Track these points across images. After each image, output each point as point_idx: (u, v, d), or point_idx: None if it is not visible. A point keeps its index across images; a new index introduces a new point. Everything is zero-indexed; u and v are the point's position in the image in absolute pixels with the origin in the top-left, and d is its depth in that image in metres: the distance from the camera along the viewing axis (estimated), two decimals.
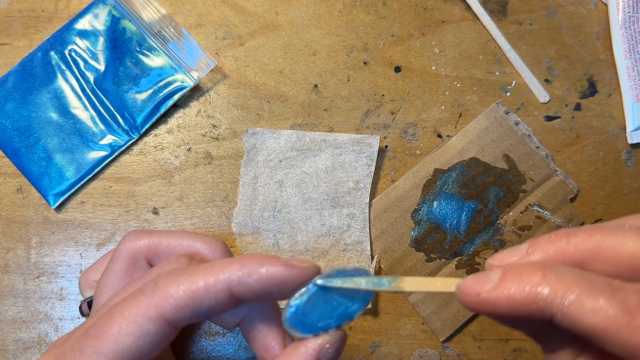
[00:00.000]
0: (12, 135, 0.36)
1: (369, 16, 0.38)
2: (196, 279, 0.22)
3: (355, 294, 0.22)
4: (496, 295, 0.18)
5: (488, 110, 0.37)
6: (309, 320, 0.22)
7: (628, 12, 0.37)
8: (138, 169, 0.36)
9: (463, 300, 0.19)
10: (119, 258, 0.27)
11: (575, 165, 0.36)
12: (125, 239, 0.27)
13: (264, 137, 0.36)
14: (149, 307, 0.21)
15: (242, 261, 0.22)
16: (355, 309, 0.22)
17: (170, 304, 0.21)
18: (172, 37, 0.36)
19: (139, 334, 0.21)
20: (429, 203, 0.36)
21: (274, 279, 0.22)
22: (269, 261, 0.22)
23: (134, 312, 0.21)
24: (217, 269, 0.22)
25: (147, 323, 0.21)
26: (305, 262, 0.22)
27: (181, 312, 0.22)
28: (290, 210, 0.35)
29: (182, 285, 0.22)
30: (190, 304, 0.22)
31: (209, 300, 0.22)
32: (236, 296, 0.22)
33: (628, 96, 0.36)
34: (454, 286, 0.20)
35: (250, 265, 0.22)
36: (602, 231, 0.19)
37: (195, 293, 0.22)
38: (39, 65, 0.36)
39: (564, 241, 0.19)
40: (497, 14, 0.38)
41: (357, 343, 0.35)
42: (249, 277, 0.22)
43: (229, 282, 0.22)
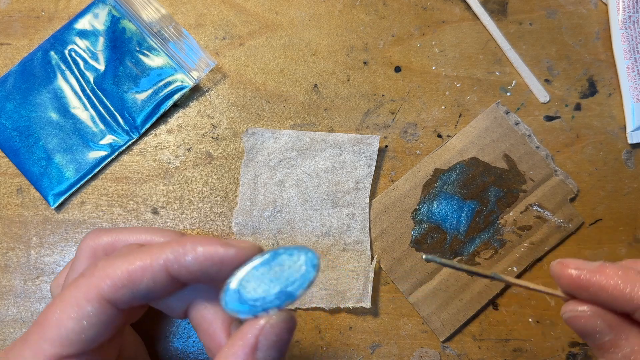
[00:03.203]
0: (12, 135, 0.36)
1: (369, 16, 0.38)
2: (133, 260, 0.22)
3: (296, 273, 0.21)
4: (597, 276, 0.22)
5: (488, 110, 0.37)
6: (246, 300, 0.21)
7: (628, 12, 0.37)
8: (138, 169, 0.36)
9: (562, 272, 0.23)
10: (80, 257, 0.27)
11: (575, 165, 0.36)
12: (86, 237, 0.27)
13: (264, 137, 0.36)
14: (88, 288, 0.22)
15: (180, 241, 0.22)
16: (297, 287, 0.21)
17: (107, 285, 0.21)
18: (172, 37, 0.36)
19: (80, 316, 0.21)
20: (429, 203, 0.36)
21: (211, 259, 0.21)
22: (206, 241, 0.22)
23: (74, 295, 0.22)
24: (154, 249, 0.22)
25: (86, 304, 0.21)
26: (244, 243, 0.22)
27: (119, 292, 0.22)
28: (290, 210, 0.35)
29: (120, 266, 0.22)
30: (127, 284, 0.22)
31: (147, 281, 0.22)
32: (175, 276, 0.22)
33: (628, 96, 0.36)
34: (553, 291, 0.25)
35: (187, 245, 0.22)
36: None
37: (132, 273, 0.22)
38: (39, 65, 0.36)
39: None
40: (497, 14, 0.38)
41: (357, 343, 0.35)
42: (185, 256, 0.22)
43: (166, 261, 0.22)
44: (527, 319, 0.35)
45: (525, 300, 0.35)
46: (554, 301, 0.35)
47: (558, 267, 0.24)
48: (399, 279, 0.35)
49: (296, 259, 0.21)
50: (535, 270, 0.36)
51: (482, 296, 0.35)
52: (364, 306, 0.34)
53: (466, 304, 0.35)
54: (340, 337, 0.35)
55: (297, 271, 0.21)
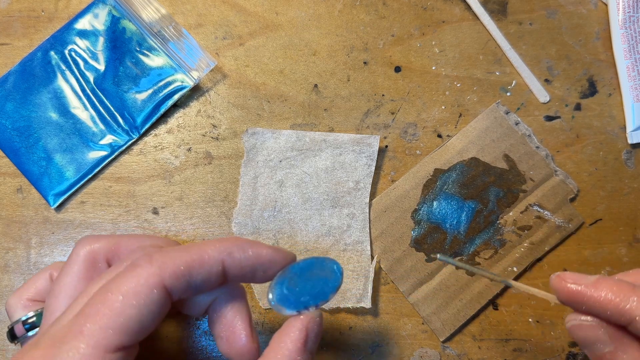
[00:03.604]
0: (12, 135, 0.36)
1: (369, 16, 0.38)
2: (192, 252, 0.23)
3: (327, 278, 0.25)
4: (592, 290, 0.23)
5: (488, 110, 0.37)
6: (292, 297, 0.24)
7: (628, 12, 0.37)
8: (138, 169, 0.36)
9: (559, 286, 0.24)
10: (76, 260, 0.26)
11: (575, 165, 0.36)
12: (81, 241, 0.27)
13: (264, 137, 0.36)
14: (149, 276, 0.22)
15: (234, 239, 0.24)
16: (329, 289, 0.25)
17: (169, 273, 0.22)
18: (172, 37, 0.36)
19: (143, 303, 0.21)
20: (429, 203, 0.36)
21: (262, 259, 0.24)
22: (256, 243, 0.24)
23: (135, 284, 0.21)
24: (212, 243, 0.24)
25: (149, 292, 0.21)
26: (286, 250, 0.25)
27: (179, 281, 0.22)
28: (290, 210, 0.35)
29: (180, 255, 0.23)
30: (187, 274, 0.22)
31: (204, 273, 0.23)
32: (227, 272, 0.24)
33: (628, 96, 0.36)
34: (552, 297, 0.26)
35: (242, 244, 0.24)
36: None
37: (192, 263, 0.23)
38: (39, 65, 0.36)
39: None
40: (497, 14, 0.38)
41: (357, 343, 0.35)
42: (242, 254, 0.24)
43: (223, 255, 0.23)
44: (527, 319, 0.35)
45: (525, 300, 0.35)
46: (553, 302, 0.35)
47: (556, 280, 0.25)
48: (399, 279, 0.35)
49: (326, 267, 0.26)
50: (535, 271, 0.35)
51: (482, 296, 0.35)
52: (364, 306, 0.34)
53: (466, 304, 0.35)
54: (340, 337, 0.35)
55: (328, 277, 0.25)
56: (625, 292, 0.23)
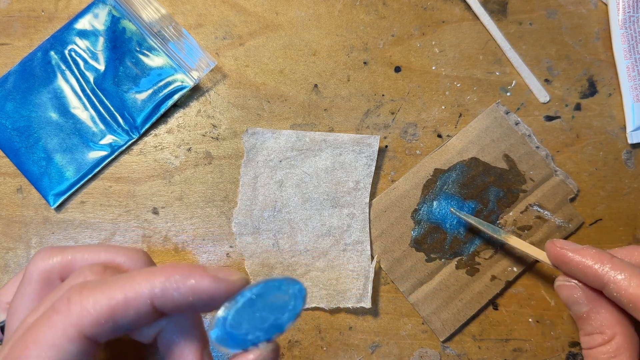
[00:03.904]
0: (12, 135, 0.36)
1: (369, 16, 0.38)
2: (114, 292, 0.20)
3: (285, 305, 0.21)
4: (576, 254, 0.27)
5: (488, 110, 0.37)
6: (237, 334, 0.21)
7: (628, 12, 0.37)
8: (138, 169, 0.36)
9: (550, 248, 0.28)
10: (30, 280, 0.24)
11: (575, 165, 0.36)
12: (35, 258, 0.25)
13: (264, 137, 0.36)
14: (66, 327, 0.20)
15: (166, 272, 0.21)
16: (286, 319, 0.21)
17: (89, 321, 0.20)
18: (172, 37, 0.36)
19: (62, 357, 0.19)
20: (429, 203, 0.36)
21: (200, 293, 0.20)
22: (196, 273, 0.20)
23: (51, 335, 0.19)
24: (138, 280, 0.20)
25: (67, 344, 0.19)
26: (234, 275, 0.21)
27: (101, 328, 0.20)
28: (290, 210, 0.35)
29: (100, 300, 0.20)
30: (110, 319, 0.20)
31: (130, 315, 0.20)
32: (159, 309, 0.21)
33: (628, 96, 0.36)
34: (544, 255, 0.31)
35: (175, 277, 0.20)
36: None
37: (115, 308, 0.20)
38: (39, 65, 0.36)
39: None
40: (497, 14, 0.38)
41: (357, 343, 0.35)
42: (173, 290, 0.20)
43: (152, 294, 0.20)
44: (527, 319, 0.35)
45: (525, 300, 0.35)
46: (554, 301, 0.35)
47: (549, 244, 0.29)
48: (399, 279, 0.35)
49: (284, 291, 0.21)
50: (535, 270, 0.35)
51: (482, 296, 0.35)
52: (364, 306, 0.34)
53: (466, 304, 0.35)
54: (340, 337, 0.35)
55: (286, 303, 0.21)
56: (603, 260, 0.26)
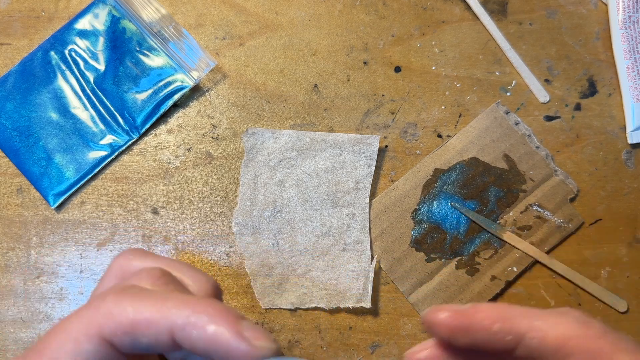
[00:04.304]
0: (12, 135, 0.36)
1: (369, 16, 0.38)
2: (143, 308, 0.19)
3: None
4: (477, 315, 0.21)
5: (488, 110, 0.37)
6: None
7: (628, 12, 0.37)
8: (138, 169, 0.36)
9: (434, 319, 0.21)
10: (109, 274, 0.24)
11: (575, 165, 0.36)
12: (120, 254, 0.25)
13: (264, 137, 0.36)
14: (90, 324, 0.19)
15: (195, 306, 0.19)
16: None
17: (109, 326, 0.19)
18: (172, 37, 0.36)
19: (77, 352, 0.19)
20: (429, 203, 0.36)
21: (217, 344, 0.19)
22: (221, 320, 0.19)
23: (76, 329, 0.19)
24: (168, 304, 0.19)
25: (85, 342, 0.19)
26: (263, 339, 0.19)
27: (120, 337, 0.19)
28: (290, 210, 0.35)
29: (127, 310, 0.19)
30: (130, 332, 0.19)
31: (150, 336, 0.19)
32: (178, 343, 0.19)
33: (628, 96, 0.36)
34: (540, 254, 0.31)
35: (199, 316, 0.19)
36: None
37: (137, 323, 0.19)
38: (39, 65, 0.36)
39: None
40: (497, 14, 0.38)
41: (357, 343, 0.35)
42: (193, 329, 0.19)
43: (172, 325, 0.19)
44: None
45: (525, 300, 0.35)
46: (553, 301, 0.35)
47: (430, 316, 0.22)
48: (399, 279, 0.35)
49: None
50: (535, 270, 0.35)
51: (482, 296, 0.35)
52: (364, 306, 0.34)
53: (466, 304, 0.35)
54: (340, 337, 0.35)
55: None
56: (509, 311, 0.21)
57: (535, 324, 0.20)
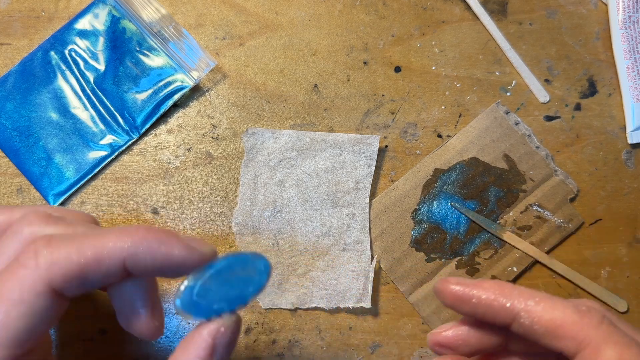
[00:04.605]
0: (12, 135, 0.36)
1: (369, 16, 0.38)
2: (86, 249, 0.20)
3: (250, 279, 0.22)
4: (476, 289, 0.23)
5: (488, 110, 0.37)
6: (202, 304, 0.21)
7: (628, 12, 0.37)
8: (138, 169, 0.36)
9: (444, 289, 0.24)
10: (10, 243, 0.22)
11: (575, 165, 0.36)
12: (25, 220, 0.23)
13: (264, 137, 0.36)
14: (35, 281, 0.19)
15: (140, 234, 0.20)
16: (250, 292, 0.22)
17: (58, 276, 0.19)
18: (172, 37, 0.36)
19: (31, 313, 0.19)
20: (429, 203, 0.36)
21: (172, 260, 0.20)
22: (169, 240, 0.20)
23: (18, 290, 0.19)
24: (111, 238, 0.20)
25: (35, 299, 0.19)
26: (205, 246, 0.22)
27: (70, 283, 0.20)
28: (290, 210, 0.35)
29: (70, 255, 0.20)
30: (80, 275, 0.20)
31: (101, 272, 0.20)
32: (128, 270, 0.21)
33: (628, 96, 0.36)
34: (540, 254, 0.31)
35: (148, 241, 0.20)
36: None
37: (86, 264, 0.20)
38: (39, 65, 0.36)
39: None
40: (497, 14, 0.38)
41: (357, 343, 0.35)
42: (146, 255, 0.20)
43: (124, 255, 0.20)
44: None
45: None
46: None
47: (440, 284, 0.24)
48: (399, 279, 0.35)
49: (250, 266, 0.22)
50: (535, 270, 0.35)
51: None
52: (364, 306, 0.34)
53: None
54: (340, 337, 0.35)
55: (250, 277, 0.22)
56: (508, 289, 0.23)
57: (529, 305, 0.22)
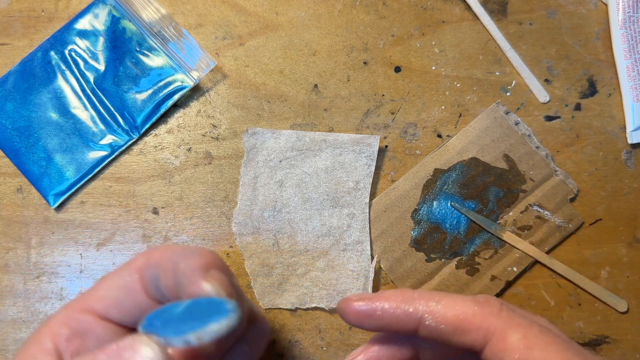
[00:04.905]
0: (12, 135, 0.36)
1: (369, 16, 0.38)
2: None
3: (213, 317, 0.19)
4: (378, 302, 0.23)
5: (488, 110, 0.37)
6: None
7: (628, 12, 0.37)
8: (138, 169, 0.36)
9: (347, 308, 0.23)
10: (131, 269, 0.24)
11: (575, 165, 0.36)
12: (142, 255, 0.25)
13: (264, 137, 0.36)
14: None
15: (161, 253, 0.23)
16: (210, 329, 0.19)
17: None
18: (172, 37, 0.36)
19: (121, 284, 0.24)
20: (429, 203, 0.36)
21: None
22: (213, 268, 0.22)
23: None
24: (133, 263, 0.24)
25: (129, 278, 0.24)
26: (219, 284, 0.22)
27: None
28: (290, 210, 0.35)
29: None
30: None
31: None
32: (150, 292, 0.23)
33: (628, 96, 0.36)
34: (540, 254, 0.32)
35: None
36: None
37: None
38: (39, 65, 0.36)
39: None
40: (497, 14, 0.38)
41: (357, 343, 0.35)
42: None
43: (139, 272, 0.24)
44: None
45: (525, 300, 0.35)
46: (553, 301, 0.35)
47: (343, 304, 0.24)
48: (399, 279, 0.35)
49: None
50: (535, 270, 0.35)
51: None
52: None
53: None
54: (340, 337, 0.35)
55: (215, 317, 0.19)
56: (409, 296, 0.23)
57: (431, 305, 0.22)
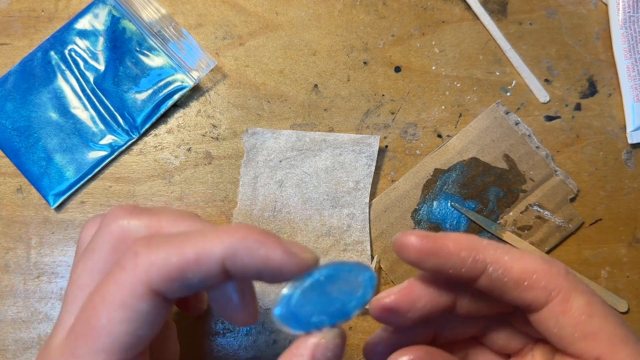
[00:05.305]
0: (12, 135, 0.36)
1: (369, 16, 0.38)
2: (186, 249, 0.19)
3: (353, 291, 0.20)
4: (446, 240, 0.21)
5: (488, 110, 0.37)
6: (301, 315, 0.20)
7: (628, 12, 0.37)
8: (138, 169, 0.36)
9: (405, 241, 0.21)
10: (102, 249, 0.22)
11: (575, 165, 0.36)
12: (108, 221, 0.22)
13: (264, 137, 0.36)
14: (134, 283, 0.19)
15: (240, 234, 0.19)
16: (353, 306, 0.20)
17: (157, 277, 0.19)
18: (172, 37, 0.36)
19: (133, 317, 0.19)
20: (429, 203, 0.36)
21: (271, 264, 0.19)
22: (270, 242, 0.19)
23: (119, 294, 0.19)
24: (211, 238, 0.19)
25: (137, 302, 0.19)
26: (307, 252, 0.20)
27: (170, 284, 0.19)
28: (290, 210, 0.35)
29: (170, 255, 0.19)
30: (180, 276, 0.19)
31: (201, 273, 0.19)
32: (227, 271, 0.20)
33: (628, 96, 0.36)
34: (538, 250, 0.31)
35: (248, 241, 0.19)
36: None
37: (186, 264, 0.19)
38: (39, 65, 0.36)
39: None
40: (497, 14, 0.38)
41: (358, 343, 0.35)
42: (244, 256, 0.19)
43: (224, 255, 0.19)
44: None
45: None
46: None
47: (402, 236, 0.21)
48: (399, 279, 0.35)
49: (354, 277, 0.20)
50: None
51: None
52: None
53: None
54: None
55: (355, 290, 0.20)
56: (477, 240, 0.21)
57: (500, 255, 0.21)
